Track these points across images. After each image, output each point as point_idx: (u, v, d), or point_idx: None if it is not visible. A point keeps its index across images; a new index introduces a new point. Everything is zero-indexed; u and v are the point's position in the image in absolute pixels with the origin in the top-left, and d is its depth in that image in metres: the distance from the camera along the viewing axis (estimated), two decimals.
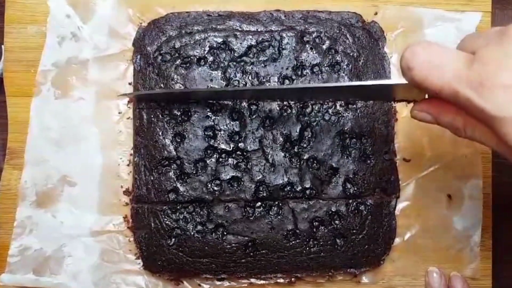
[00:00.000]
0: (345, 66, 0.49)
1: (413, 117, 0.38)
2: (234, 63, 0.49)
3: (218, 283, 0.49)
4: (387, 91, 0.41)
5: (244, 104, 0.48)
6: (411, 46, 0.32)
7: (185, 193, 0.48)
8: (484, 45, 0.30)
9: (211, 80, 0.49)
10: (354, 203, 0.49)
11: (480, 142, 0.33)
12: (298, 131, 0.48)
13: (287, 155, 0.48)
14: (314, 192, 0.48)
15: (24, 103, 0.49)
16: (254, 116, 0.48)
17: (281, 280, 0.49)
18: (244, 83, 0.49)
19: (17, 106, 0.50)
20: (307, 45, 0.49)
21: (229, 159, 0.48)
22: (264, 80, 0.49)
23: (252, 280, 0.49)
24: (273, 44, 0.49)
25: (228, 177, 0.48)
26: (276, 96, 0.48)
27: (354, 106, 0.49)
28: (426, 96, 0.36)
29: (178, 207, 0.48)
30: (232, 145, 0.48)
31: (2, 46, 0.50)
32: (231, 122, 0.48)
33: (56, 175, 0.49)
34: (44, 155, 0.49)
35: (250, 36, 0.49)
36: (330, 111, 0.49)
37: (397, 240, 0.50)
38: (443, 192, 0.51)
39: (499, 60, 0.28)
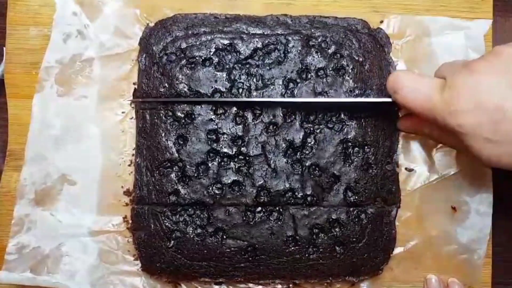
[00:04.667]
0: (350, 70, 0.49)
1: (399, 128, 0.49)
2: (239, 65, 0.49)
3: (216, 287, 0.49)
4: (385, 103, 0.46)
5: (248, 108, 0.48)
6: (394, 72, 0.42)
7: (186, 195, 0.47)
8: (451, 74, 0.38)
9: (216, 81, 0.48)
10: (355, 211, 0.48)
11: (453, 148, 0.47)
12: (301, 137, 0.48)
13: (289, 161, 0.48)
14: (315, 199, 0.48)
15: (25, 105, 0.49)
16: (257, 121, 0.48)
17: (279, 286, 0.49)
18: (248, 85, 0.48)
19: (17, 108, 0.49)
20: (312, 49, 0.49)
21: (231, 163, 0.48)
22: (269, 82, 0.48)
23: (250, 285, 0.49)
24: (278, 47, 0.49)
25: (229, 181, 0.48)
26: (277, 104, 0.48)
27: (359, 114, 0.49)
28: None
29: (178, 210, 0.48)
30: (234, 149, 0.48)
31: (4, 48, 0.50)
32: (235, 126, 0.48)
33: (56, 173, 0.48)
34: (44, 153, 0.48)
35: (256, 39, 0.49)
36: (334, 119, 0.48)
37: (397, 250, 0.50)
38: (447, 204, 0.50)
39: (463, 89, 0.37)
